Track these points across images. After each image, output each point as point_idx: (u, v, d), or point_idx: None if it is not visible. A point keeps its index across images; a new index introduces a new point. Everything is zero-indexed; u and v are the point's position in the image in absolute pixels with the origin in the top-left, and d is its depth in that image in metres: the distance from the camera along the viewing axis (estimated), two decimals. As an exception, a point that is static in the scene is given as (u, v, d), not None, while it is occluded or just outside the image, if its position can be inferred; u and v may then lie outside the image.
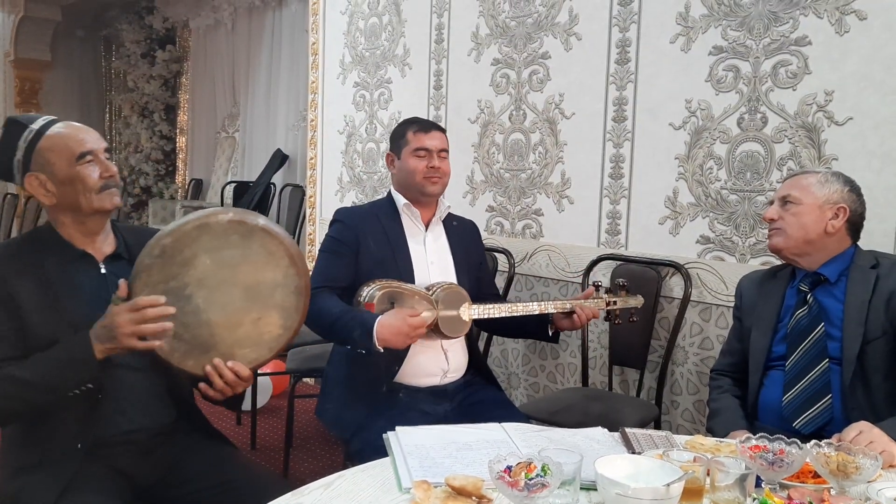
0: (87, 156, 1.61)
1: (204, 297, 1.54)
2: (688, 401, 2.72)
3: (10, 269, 1.57)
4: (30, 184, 1.61)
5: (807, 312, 1.85)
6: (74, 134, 1.63)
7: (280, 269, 1.58)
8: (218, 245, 1.53)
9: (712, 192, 2.60)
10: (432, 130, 2.28)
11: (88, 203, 1.61)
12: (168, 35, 8.91)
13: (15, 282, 1.55)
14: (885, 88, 2.22)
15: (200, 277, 1.53)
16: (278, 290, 1.59)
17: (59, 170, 1.60)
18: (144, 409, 1.66)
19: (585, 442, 1.56)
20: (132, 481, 1.63)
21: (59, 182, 1.60)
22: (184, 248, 1.51)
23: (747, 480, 1.21)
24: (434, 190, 2.24)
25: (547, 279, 3.12)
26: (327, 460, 3.30)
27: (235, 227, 1.55)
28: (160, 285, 1.50)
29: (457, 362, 2.22)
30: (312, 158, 4.34)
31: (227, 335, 1.56)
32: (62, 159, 1.59)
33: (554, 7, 3.05)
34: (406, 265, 2.18)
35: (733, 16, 2.52)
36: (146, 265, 1.50)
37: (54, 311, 1.56)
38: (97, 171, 1.62)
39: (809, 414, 1.78)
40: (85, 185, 1.60)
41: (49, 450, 1.56)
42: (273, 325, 1.60)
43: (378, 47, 3.88)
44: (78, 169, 1.60)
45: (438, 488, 1.26)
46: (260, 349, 1.60)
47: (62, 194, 1.61)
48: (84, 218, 1.64)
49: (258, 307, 1.57)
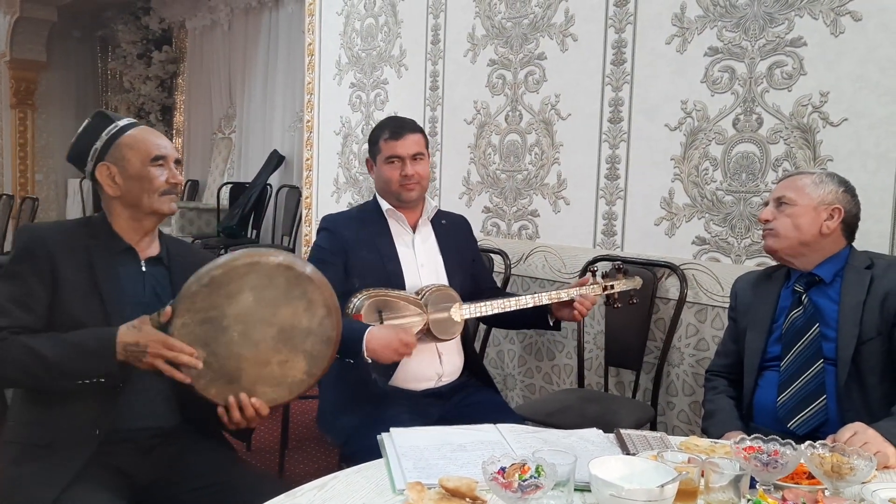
0: (160, 159, 1.71)
1: (239, 332, 1.58)
2: (683, 402, 2.72)
3: (60, 246, 1.64)
4: (100, 172, 1.70)
5: (802, 313, 1.85)
6: (152, 138, 1.74)
7: (316, 317, 1.63)
8: (263, 284, 1.58)
9: (708, 193, 2.60)
10: (404, 135, 2.20)
11: (149, 202, 1.70)
12: (164, 36, 8.91)
13: (61, 259, 1.62)
14: (880, 89, 2.22)
15: (240, 312, 1.57)
16: (310, 338, 1.63)
17: (131, 165, 1.69)
18: (153, 408, 1.68)
19: (580, 443, 1.56)
20: (131, 480, 1.63)
21: (128, 176, 1.69)
22: (231, 281, 1.56)
23: (742, 481, 1.21)
24: (411, 196, 2.21)
25: (543, 280, 3.11)
26: (322, 461, 3.29)
27: (283, 271, 1.60)
28: (202, 313, 1.55)
29: (452, 366, 2.21)
30: (309, 159, 4.34)
31: (252, 371, 1.60)
32: (137, 156, 1.69)
33: (550, 8, 3.05)
34: (396, 270, 2.16)
35: (729, 17, 2.52)
36: (193, 291, 1.55)
37: (92, 296, 1.63)
38: (165, 175, 1.72)
39: (804, 415, 1.78)
40: (151, 185, 1.70)
41: (63, 432, 1.58)
42: (298, 371, 1.63)
43: (374, 48, 3.88)
44: (149, 169, 1.70)
45: (432, 490, 1.25)
46: (281, 390, 1.64)
47: (128, 189, 1.70)
48: (141, 216, 1.73)
49: (287, 350, 1.62)
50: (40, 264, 1.60)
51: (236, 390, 1.59)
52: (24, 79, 9.44)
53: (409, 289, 2.14)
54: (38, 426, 1.60)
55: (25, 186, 9.60)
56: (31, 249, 1.62)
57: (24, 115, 9.61)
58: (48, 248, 1.62)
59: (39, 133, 9.77)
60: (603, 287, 2.21)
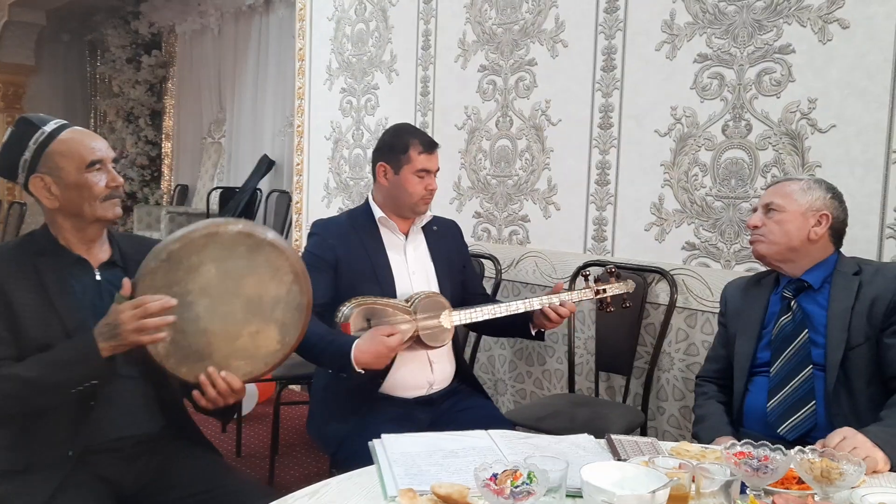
0: (96, 164, 1.62)
1: (205, 306, 1.54)
2: (674, 407, 2.73)
3: (5, 271, 1.57)
4: (34, 185, 1.61)
5: (791, 319, 1.86)
6: (86, 141, 1.63)
7: (284, 284, 1.59)
8: (224, 255, 1.54)
9: (697, 199, 2.62)
10: (435, 151, 2.24)
11: (92, 210, 1.62)
12: (154, 40, 8.87)
13: (10, 284, 1.55)
14: (867, 96, 2.24)
15: (204, 286, 1.53)
16: (280, 306, 1.59)
17: (67, 174, 1.60)
18: (132, 417, 1.65)
19: (571, 449, 1.56)
20: (116, 489, 1.62)
21: (65, 186, 1.61)
22: (191, 254, 1.51)
23: (732, 487, 1.22)
24: (424, 210, 2.23)
25: (534, 285, 3.12)
26: (313, 468, 3.28)
27: (243, 239, 1.55)
28: (163, 290, 1.50)
29: (443, 373, 2.20)
30: (299, 164, 4.33)
31: (223, 346, 1.56)
32: (72, 164, 1.60)
33: (540, 14, 3.06)
34: (387, 277, 2.15)
35: (718, 24, 2.54)
36: (151, 268, 1.50)
37: (48, 314, 1.56)
38: (104, 179, 1.63)
39: (794, 420, 1.79)
40: (91, 193, 1.61)
41: (38, 455, 1.55)
42: (271, 340, 1.60)
43: (365, 53, 3.88)
44: (86, 176, 1.61)
45: (424, 496, 1.25)
46: (255, 363, 1.60)
47: (66, 199, 1.61)
48: (85, 225, 1.65)
49: (258, 320, 1.58)
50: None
51: (208, 366, 1.54)
52: (13, 83, 9.37)
53: (399, 296, 2.13)
54: (9, 451, 1.57)
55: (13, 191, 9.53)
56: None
57: (12, 119, 9.54)
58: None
59: (27, 137, 9.70)
60: (595, 291, 2.21)
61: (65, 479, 1.53)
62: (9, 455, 1.57)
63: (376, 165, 2.25)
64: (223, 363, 1.56)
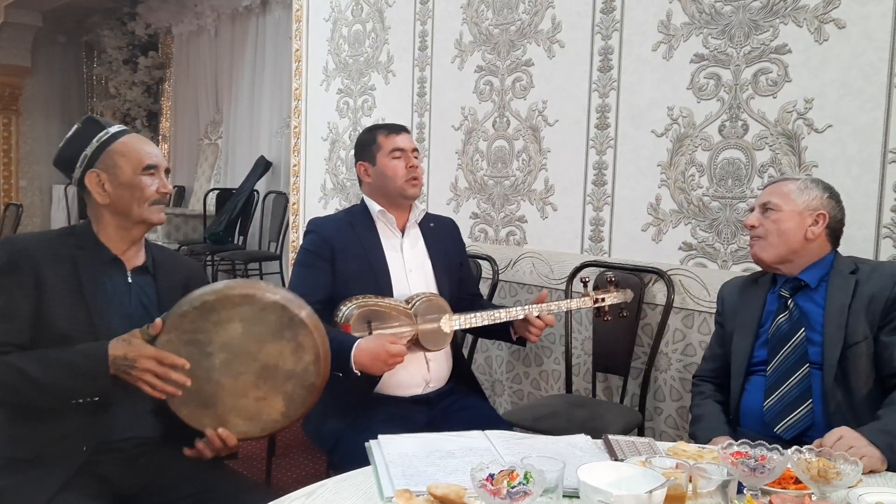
0: (151, 168, 1.69)
1: (222, 360, 1.58)
2: (671, 407, 2.73)
3: (45, 258, 1.61)
4: (90, 179, 1.67)
5: (787, 318, 1.86)
6: (145, 147, 1.72)
7: (302, 362, 1.62)
8: (255, 319, 1.58)
9: (694, 199, 2.62)
10: (402, 132, 2.26)
11: (139, 212, 1.69)
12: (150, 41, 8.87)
13: (46, 269, 1.60)
14: (863, 96, 2.24)
15: (227, 341, 1.57)
16: (292, 380, 1.62)
17: (122, 173, 1.67)
18: (138, 419, 1.67)
19: (568, 449, 1.56)
20: (115, 489, 1.62)
21: (118, 184, 1.67)
22: (222, 309, 1.56)
23: (729, 487, 1.22)
24: (415, 192, 2.22)
25: (531, 286, 3.12)
26: (310, 469, 3.27)
27: (277, 310, 1.59)
28: (188, 334, 1.55)
29: (440, 372, 2.20)
30: (296, 165, 4.33)
31: (228, 400, 1.59)
32: (129, 165, 1.67)
33: (537, 15, 3.06)
34: (383, 274, 2.15)
35: (714, 24, 2.54)
36: (183, 311, 1.55)
37: (77, 307, 1.61)
38: (156, 184, 1.70)
39: (790, 419, 1.79)
40: (142, 195, 1.68)
41: (51, 446, 1.56)
42: (274, 410, 1.62)
43: (362, 54, 3.88)
44: (140, 178, 1.68)
45: (421, 497, 1.25)
46: (253, 425, 1.63)
47: (117, 197, 1.68)
48: (129, 225, 1.71)
49: (267, 388, 1.61)
50: (24, 277, 1.57)
51: (210, 415, 1.58)
52: (9, 84, 9.36)
53: (397, 294, 2.13)
54: (23, 441, 1.58)
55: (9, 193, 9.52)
56: (14, 262, 1.58)
57: (8, 121, 9.53)
58: (32, 260, 1.59)
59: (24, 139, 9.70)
60: (594, 299, 2.21)
61: (74, 473, 1.54)
62: (22, 444, 1.57)
63: (357, 169, 2.31)
64: (223, 417, 1.60)
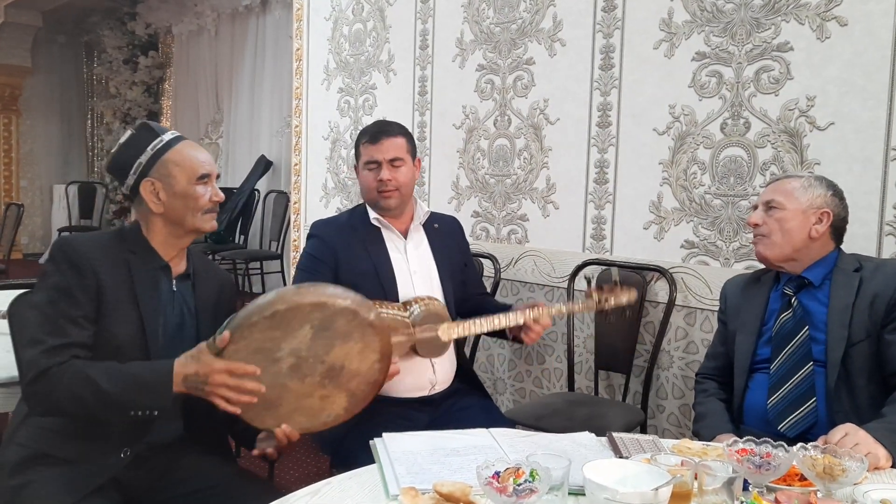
0: (205, 177, 1.69)
1: (290, 365, 1.56)
2: (673, 405, 2.73)
3: (102, 261, 1.61)
4: (144, 188, 1.67)
5: (791, 316, 1.86)
6: (199, 155, 1.71)
7: (367, 361, 1.62)
8: (325, 325, 1.57)
9: (696, 197, 2.62)
10: (381, 139, 2.15)
11: (192, 221, 1.68)
12: (150, 41, 8.86)
13: (104, 274, 1.59)
14: (865, 93, 2.24)
15: (296, 347, 1.56)
16: (357, 378, 1.62)
17: (177, 183, 1.66)
18: (163, 424, 1.66)
19: (573, 447, 1.56)
20: (122, 486, 1.62)
21: (173, 194, 1.66)
22: (293, 318, 1.54)
23: (735, 484, 1.22)
24: (389, 204, 2.15)
25: (532, 284, 3.12)
26: (313, 468, 3.27)
27: (348, 315, 1.58)
28: (256, 343, 1.53)
29: (445, 373, 2.18)
30: (297, 164, 4.32)
31: (293, 401, 1.59)
32: (183, 175, 1.67)
33: (538, 13, 3.06)
34: (388, 278, 2.12)
35: (716, 22, 2.54)
36: (253, 322, 1.52)
37: (131, 312, 1.61)
38: (209, 193, 1.70)
39: (794, 417, 1.79)
40: (196, 204, 1.68)
41: (92, 449, 1.56)
42: (337, 406, 1.63)
43: (362, 53, 3.87)
44: (195, 187, 1.67)
45: (426, 495, 1.25)
46: (315, 421, 1.63)
47: (171, 206, 1.67)
48: (181, 233, 1.71)
49: (332, 387, 1.61)
50: (86, 279, 1.57)
51: (272, 415, 1.58)
52: (9, 84, 9.36)
53: (401, 296, 2.11)
54: (66, 440, 1.57)
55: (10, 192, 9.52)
56: (75, 264, 1.57)
57: (8, 121, 9.53)
58: (91, 262, 1.58)
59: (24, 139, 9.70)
60: (597, 301, 2.19)
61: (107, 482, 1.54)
62: (64, 443, 1.57)
63: (354, 171, 2.31)
64: (286, 416, 1.59)
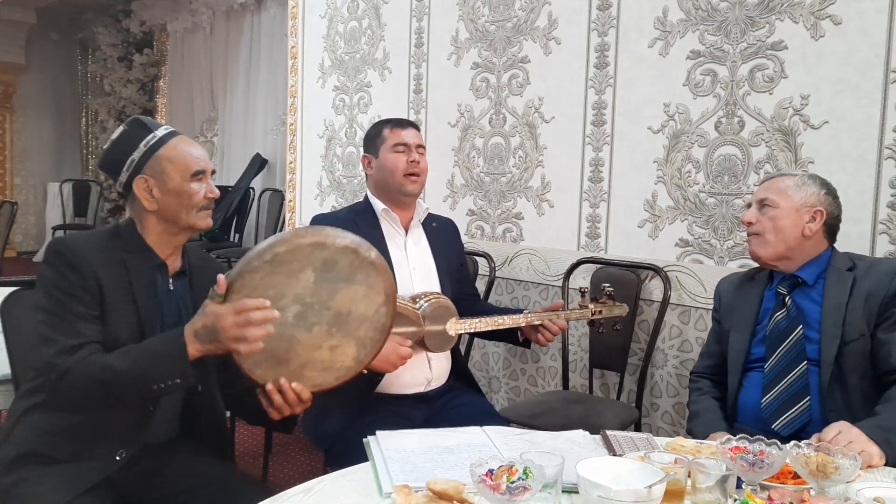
0: (199, 174, 1.66)
1: (295, 313, 1.52)
2: (667, 403, 2.73)
3: (100, 260, 1.59)
4: (137, 185, 1.64)
5: (785, 315, 1.86)
6: (193, 150, 1.68)
7: (373, 305, 1.59)
8: (326, 266, 1.53)
9: (691, 196, 2.62)
10: (408, 127, 2.26)
11: (187, 218, 1.65)
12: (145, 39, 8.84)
13: (102, 273, 1.57)
14: (859, 92, 2.25)
15: (299, 293, 1.52)
16: (365, 325, 1.59)
17: (171, 180, 1.63)
18: (162, 423, 1.66)
19: (567, 445, 1.56)
20: (116, 485, 1.61)
21: (166, 191, 1.63)
22: (294, 260, 1.50)
23: (728, 482, 1.22)
24: (413, 189, 2.20)
25: (527, 283, 3.12)
26: (307, 466, 3.27)
27: (348, 254, 1.55)
28: (260, 291, 1.47)
29: (441, 370, 2.19)
30: (292, 162, 4.32)
31: (302, 354, 1.55)
32: (177, 171, 1.64)
33: (533, 11, 3.06)
34: None
35: (710, 20, 2.54)
36: (253, 267, 1.48)
37: (129, 312, 1.59)
38: (204, 190, 1.67)
39: (788, 416, 1.79)
40: (190, 201, 1.64)
41: (88, 449, 1.55)
42: (347, 357, 1.60)
43: (358, 51, 3.87)
44: (189, 184, 1.64)
45: (420, 492, 1.25)
46: (327, 375, 1.60)
47: (165, 203, 1.64)
48: (176, 230, 1.68)
49: (341, 335, 1.57)
50: (86, 279, 1.55)
51: (283, 372, 1.54)
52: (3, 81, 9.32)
53: (401, 293, 2.12)
54: (62, 439, 1.56)
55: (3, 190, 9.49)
56: (73, 265, 1.55)
57: (2, 119, 9.50)
58: (89, 262, 1.56)
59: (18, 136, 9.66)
60: (591, 312, 2.22)
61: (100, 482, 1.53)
62: (56, 441, 1.55)
63: (362, 161, 2.30)
64: (297, 372, 1.56)
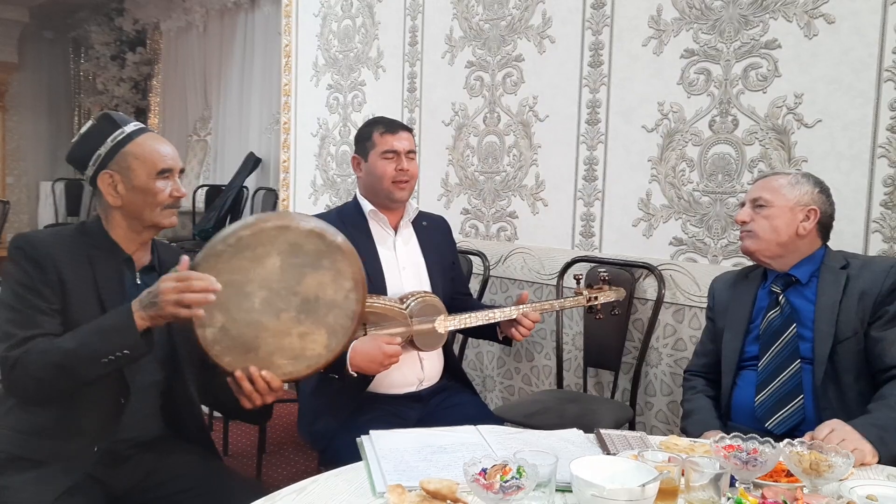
0: (166, 172, 1.65)
1: (261, 299, 1.52)
2: (662, 402, 2.73)
3: (64, 255, 1.58)
4: (102, 180, 1.63)
5: (779, 313, 1.86)
6: (161, 148, 1.67)
7: (342, 290, 1.58)
8: (292, 251, 1.52)
9: (685, 194, 2.62)
10: (399, 131, 2.20)
11: (151, 216, 1.65)
12: (138, 37, 8.80)
13: (65, 268, 1.57)
14: (853, 91, 2.25)
15: (265, 278, 1.51)
16: (334, 311, 1.58)
17: (136, 177, 1.63)
18: (142, 419, 1.65)
19: (560, 443, 1.56)
20: (106, 489, 1.60)
21: (131, 188, 1.63)
22: (258, 244, 1.49)
23: (721, 480, 1.22)
24: (402, 196, 2.18)
25: (522, 282, 3.12)
26: (301, 466, 3.26)
27: (314, 238, 1.54)
28: (225, 274, 1.47)
29: (433, 370, 2.19)
30: (285, 161, 4.31)
31: (271, 341, 1.54)
32: (143, 169, 1.63)
33: (527, 10, 3.06)
34: (377, 273, 2.12)
35: (704, 19, 2.54)
36: (217, 251, 1.48)
37: (94, 307, 1.57)
38: (170, 188, 1.66)
39: (782, 414, 1.80)
40: (155, 199, 1.64)
41: (62, 446, 1.54)
42: (318, 344, 1.58)
43: (351, 49, 3.86)
44: (155, 182, 1.63)
45: (413, 492, 1.25)
46: (298, 364, 1.59)
47: (130, 200, 1.63)
48: (140, 228, 1.67)
49: (310, 322, 1.56)
50: (48, 274, 1.54)
51: (252, 360, 1.53)
52: (-5, 80, 9.28)
53: (390, 293, 2.12)
54: (36, 440, 1.55)
55: (-4, 190, 9.44)
56: (34, 259, 1.54)
57: (-9, 118, 9.46)
58: (52, 257, 1.56)
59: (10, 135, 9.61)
60: (588, 299, 2.22)
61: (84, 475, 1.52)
62: (35, 444, 1.55)
63: (352, 161, 2.28)
64: (267, 360, 1.55)
